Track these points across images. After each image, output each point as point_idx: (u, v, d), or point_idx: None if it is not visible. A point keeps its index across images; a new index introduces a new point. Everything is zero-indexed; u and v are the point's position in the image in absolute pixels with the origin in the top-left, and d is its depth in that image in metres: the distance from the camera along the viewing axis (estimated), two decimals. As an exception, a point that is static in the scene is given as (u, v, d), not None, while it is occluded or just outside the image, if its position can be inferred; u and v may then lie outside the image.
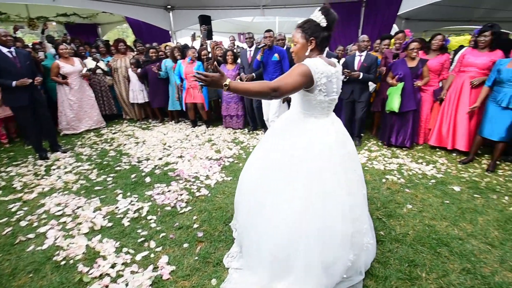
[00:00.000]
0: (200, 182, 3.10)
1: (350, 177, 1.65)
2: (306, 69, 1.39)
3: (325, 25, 1.43)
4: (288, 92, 1.39)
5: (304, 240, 1.52)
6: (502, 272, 1.83)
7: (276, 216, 1.57)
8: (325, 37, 1.46)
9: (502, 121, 3.09)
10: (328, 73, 1.46)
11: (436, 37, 3.79)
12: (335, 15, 1.45)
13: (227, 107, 4.94)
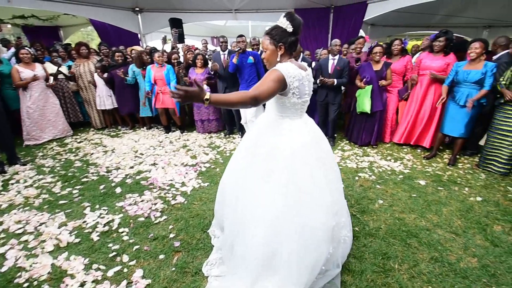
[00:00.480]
0: (175, 190, 3.00)
1: (328, 174, 1.72)
2: (279, 74, 1.44)
3: (291, 30, 1.48)
4: (266, 98, 1.43)
5: (288, 239, 1.55)
6: (466, 258, 1.98)
7: (259, 217, 1.58)
8: (292, 42, 1.51)
9: (461, 119, 3.35)
10: (300, 77, 1.52)
11: (395, 42, 4.07)
12: (299, 19, 1.51)
13: (198, 111, 4.86)
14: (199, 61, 4.59)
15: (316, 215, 1.59)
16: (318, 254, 1.61)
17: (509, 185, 3.00)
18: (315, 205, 1.59)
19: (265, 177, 1.59)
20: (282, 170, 1.56)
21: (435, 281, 1.79)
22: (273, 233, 1.56)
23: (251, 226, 1.60)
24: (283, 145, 1.59)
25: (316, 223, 1.58)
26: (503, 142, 3.11)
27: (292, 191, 1.55)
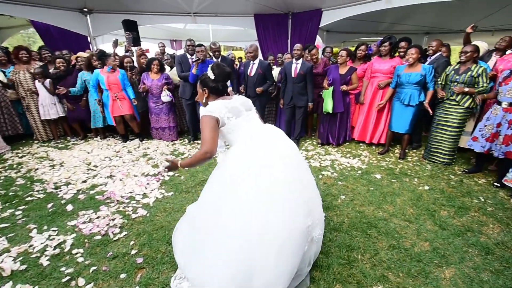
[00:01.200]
0: (136, 202, 2.81)
1: (299, 172, 1.75)
2: (208, 117, 1.64)
3: (212, 77, 1.75)
4: (215, 143, 1.63)
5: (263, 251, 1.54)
6: (420, 243, 2.16)
7: (230, 234, 1.58)
8: (214, 87, 1.77)
9: (406, 117, 3.70)
10: (226, 104, 1.71)
11: (360, 47, 4.30)
12: (223, 70, 1.77)
13: (157, 119, 4.63)
14: (155, 66, 4.36)
15: (292, 220, 1.60)
16: (294, 260, 1.62)
17: (451, 173, 3.38)
18: (288, 209, 1.59)
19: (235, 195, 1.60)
20: (249, 186, 1.58)
21: (394, 267, 1.92)
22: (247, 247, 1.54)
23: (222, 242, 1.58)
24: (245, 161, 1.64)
25: (293, 226, 1.59)
26: (444, 135, 3.50)
27: (259, 203, 1.56)
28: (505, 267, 1.91)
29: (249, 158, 1.62)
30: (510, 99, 2.81)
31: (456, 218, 2.48)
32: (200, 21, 6.90)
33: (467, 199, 2.79)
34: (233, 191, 1.61)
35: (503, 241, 2.16)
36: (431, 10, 6.17)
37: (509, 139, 2.84)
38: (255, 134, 1.72)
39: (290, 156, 1.73)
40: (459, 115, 3.33)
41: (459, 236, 2.23)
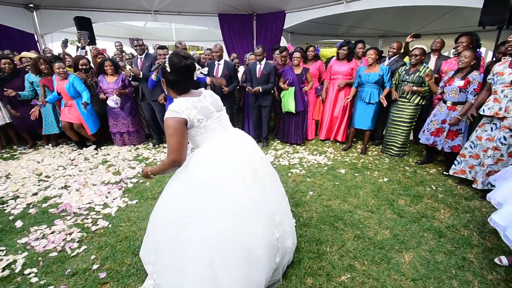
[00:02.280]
0: (96, 214, 2.61)
1: (265, 185, 1.69)
2: (175, 119, 1.44)
3: (168, 69, 1.50)
4: (183, 150, 1.49)
5: (230, 261, 1.49)
6: (381, 232, 2.31)
7: (198, 244, 1.49)
8: (171, 80, 1.52)
9: (367, 114, 3.94)
10: (196, 103, 1.52)
11: (309, 49, 4.53)
12: (179, 61, 1.49)
13: (114, 123, 4.34)
14: (108, 67, 4.05)
15: (259, 233, 1.56)
16: (261, 272, 1.58)
17: (406, 165, 3.67)
18: (256, 222, 1.56)
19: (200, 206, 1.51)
20: (215, 196, 1.50)
21: (360, 256, 2.03)
22: (216, 257, 1.48)
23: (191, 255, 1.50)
24: (209, 170, 1.53)
25: (256, 240, 1.55)
26: (398, 130, 3.79)
27: (227, 214, 1.50)
28: (456, 248, 2.11)
29: (217, 167, 1.52)
30: (453, 98, 3.11)
31: (412, 206, 2.69)
32: (162, 19, 6.64)
33: (420, 188, 3.05)
34: (199, 200, 1.50)
35: (453, 224, 2.39)
36: (385, 14, 6.66)
37: (454, 134, 3.15)
38: (225, 141, 1.62)
39: (258, 167, 1.68)
40: (410, 111, 3.63)
41: (415, 222, 2.43)
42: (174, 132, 1.44)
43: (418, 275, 1.86)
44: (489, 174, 2.71)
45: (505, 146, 2.59)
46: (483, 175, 2.75)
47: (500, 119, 2.61)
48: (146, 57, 4.14)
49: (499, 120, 2.62)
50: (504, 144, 2.59)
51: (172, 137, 1.45)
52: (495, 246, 2.11)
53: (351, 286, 1.78)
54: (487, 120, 2.73)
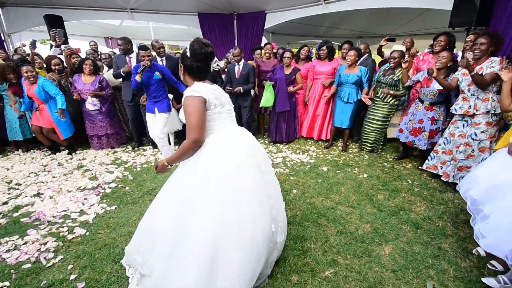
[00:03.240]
0: (72, 221, 2.49)
1: (267, 180, 1.74)
2: (195, 98, 1.48)
3: (188, 54, 1.54)
4: (203, 128, 1.51)
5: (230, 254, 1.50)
6: (362, 226, 2.38)
7: (200, 237, 1.48)
8: (190, 66, 1.55)
9: (346, 113, 4.05)
10: (212, 90, 1.58)
11: (304, 48, 4.56)
12: (200, 47, 1.52)
13: (92, 125, 4.15)
14: (87, 67, 3.89)
15: (260, 225, 1.59)
16: (258, 265, 1.61)
17: (384, 161, 3.80)
18: (258, 216, 1.59)
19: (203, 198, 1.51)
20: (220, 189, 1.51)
21: (342, 250, 2.08)
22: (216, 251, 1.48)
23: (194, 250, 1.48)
24: (217, 161, 1.54)
25: (257, 233, 1.57)
26: (371, 127, 3.93)
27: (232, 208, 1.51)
28: (432, 238, 2.22)
29: (226, 158, 1.55)
30: (431, 99, 3.21)
31: (391, 200, 2.80)
32: (139, 17, 6.43)
33: (398, 182, 3.18)
34: (206, 191, 1.50)
35: (428, 216, 2.51)
36: (362, 16, 6.89)
37: (434, 133, 3.28)
38: (234, 133, 1.66)
39: (261, 162, 1.73)
40: (385, 110, 3.77)
41: (394, 216, 2.53)
42: (195, 110, 1.45)
43: (397, 266, 1.93)
44: (460, 169, 2.87)
45: (476, 141, 2.72)
46: (454, 169, 2.90)
47: (470, 116, 2.76)
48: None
49: (470, 117, 2.77)
50: (475, 140, 2.72)
51: (193, 115, 1.45)
52: (467, 235, 2.23)
53: (334, 280, 1.81)
54: (459, 117, 2.86)
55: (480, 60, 2.63)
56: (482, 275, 1.84)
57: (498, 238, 1.52)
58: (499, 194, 1.67)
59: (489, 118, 2.65)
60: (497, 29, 3.13)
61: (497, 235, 1.53)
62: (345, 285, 1.78)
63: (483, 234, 1.62)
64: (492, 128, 2.67)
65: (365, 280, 1.82)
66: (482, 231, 1.64)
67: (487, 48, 2.56)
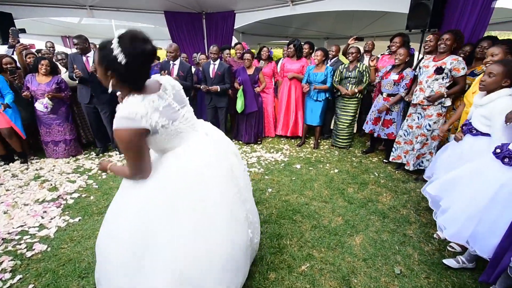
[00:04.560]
0: (30, 237, 2.27)
1: (242, 184, 1.60)
2: (127, 132, 1.10)
3: (123, 61, 1.06)
4: (145, 162, 1.23)
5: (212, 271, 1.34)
6: (335, 219, 2.47)
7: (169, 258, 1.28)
8: (123, 73, 1.09)
9: (316, 111, 4.18)
10: (155, 104, 1.18)
11: (263, 49, 4.64)
12: (141, 47, 1.09)
13: (47, 131, 3.81)
14: (43, 67, 3.58)
15: (237, 239, 1.44)
16: (239, 275, 1.50)
17: (353, 156, 3.99)
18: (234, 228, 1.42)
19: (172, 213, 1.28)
20: (188, 200, 1.30)
21: (317, 244, 2.14)
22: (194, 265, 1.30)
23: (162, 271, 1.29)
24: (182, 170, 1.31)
25: (236, 243, 1.42)
26: (344, 123, 4.11)
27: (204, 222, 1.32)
28: (398, 226, 2.37)
29: (192, 169, 1.31)
30: (388, 90, 3.49)
31: (360, 193, 2.94)
32: (99, 15, 6.04)
33: (366, 175, 3.35)
34: (172, 208, 1.27)
35: (394, 206, 2.68)
36: (328, 18, 7.17)
37: (388, 123, 3.55)
38: (197, 143, 1.39)
39: (233, 165, 1.56)
40: (354, 105, 4.01)
41: (363, 207, 2.66)
42: (131, 147, 1.14)
43: (368, 255, 2.03)
44: (418, 157, 3.16)
45: (429, 132, 3.04)
46: (413, 158, 3.18)
47: (423, 109, 3.03)
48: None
49: (422, 110, 3.04)
50: (429, 130, 3.03)
51: (129, 152, 1.16)
52: (429, 221, 2.42)
53: (310, 274, 1.86)
54: (413, 109, 3.15)
55: (444, 54, 2.86)
56: (443, 257, 2.00)
57: (458, 228, 1.66)
58: (451, 188, 1.83)
59: (439, 110, 2.95)
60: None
61: (456, 225, 1.67)
62: (320, 277, 1.84)
63: (444, 226, 1.76)
64: (442, 118, 2.98)
65: (339, 270, 1.89)
66: (443, 223, 1.78)
67: (451, 44, 2.80)
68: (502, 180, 1.54)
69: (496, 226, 1.51)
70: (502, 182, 1.54)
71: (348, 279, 1.82)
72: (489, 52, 2.35)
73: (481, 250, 1.59)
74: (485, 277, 1.54)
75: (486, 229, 1.56)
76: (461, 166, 1.87)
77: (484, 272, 1.55)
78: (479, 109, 2.03)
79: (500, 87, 1.91)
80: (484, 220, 1.57)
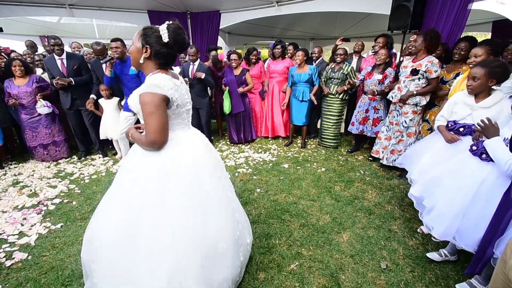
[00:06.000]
0: (10, 245, 2.17)
1: (224, 183, 1.68)
2: (154, 96, 1.28)
3: (165, 40, 1.33)
4: (165, 129, 1.35)
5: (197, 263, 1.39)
6: (322, 217, 2.50)
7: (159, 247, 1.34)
8: (162, 53, 1.36)
9: (302, 111, 4.23)
10: (176, 86, 1.39)
11: (253, 53, 4.60)
12: (182, 37, 1.37)
13: (33, 134, 3.68)
14: (17, 68, 3.42)
15: (224, 230, 1.52)
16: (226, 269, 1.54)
17: (339, 155, 4.06)
18: (220, 219, 1.51)
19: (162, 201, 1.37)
20: (179, 190, 1.39)
21: (306, 243, 2.16)
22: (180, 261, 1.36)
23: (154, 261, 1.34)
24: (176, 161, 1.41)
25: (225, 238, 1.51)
26: (329, 123, 4.18)
27: (192, 211, 1.40)
28: (383, 222, 2.44)
29: (186, 163, 1.42)
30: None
31: (346, 190, 3.00)
32: (79, 14, 5.84)
33: (352, 173, 3.42)
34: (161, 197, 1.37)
35: (379, 202, 2.75)
36: (313, 19, 7.26)
37: (376, 121, 3.65)
38: (191, 135, 1.54)
39: (217, 166, 1.66)
40: (338, 105, 4.06)
41: (350, 205, 2.71)
42: (155, 110, 1.27)
43: (355, 251, 2.08)
44: (393, 152, 3.30)
45: (405, 128, 3.16)
46: (387, 153, 3.33)
47: (400, 107, 3.14)
48: (67, 58, 3.62)
49: (400, 107, 3.16)
50: (405, 127, 3.15)
51: (153, 116, 1.28)
52: (412, 216, 2.50)
53: (299, 272, 1.88)
54: (393, 107, 3.27)
55: (418, 56, 2.95)
56: (426, 250, 2.07)
57: (445, 226, 1.69)
58: (433, 187, 1.88)
59: (415, 108, 3.06)
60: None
61: (444, 224, 1.70)
62: (309, 275, 1.86)
63: (432, 226, 1.79)
64: (418, 116, 3.11)
65: (327, 268, 1.92)
66: (430, 223, 1.81)
67: (421, 46, 2.87)
68: (482, 175, 1.60)
69: (480, 221, 1.56)
70: (483, 178, 1.59)
71: (336, 276, 1.85)
72: (472, 52, 2.39)
73: (467, 245, 1.63)
74: (471, 269, 1.60)
75: (471, 224, 1.60)
76: (441, 166, 1.90)
77: (470, 265, 1.61)
78: (483, 111, 1.94)
79: (488, 87, 1.92)
80: (469, 216, 1.62)
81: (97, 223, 1.48)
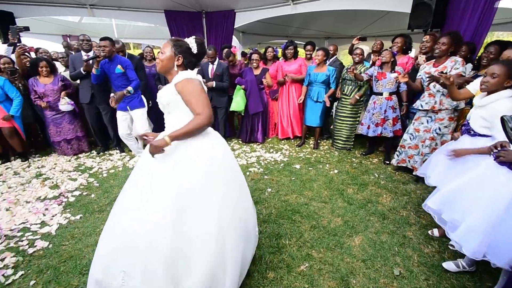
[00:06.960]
0: (32, 234, 2.30)
1: (241, 178, 1.80)
2: (195, 81, 1.50)
3: (195, 51, 1.59)
4: (209, 107, 1.49)
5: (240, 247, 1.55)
6: (334, 219, 2.48)
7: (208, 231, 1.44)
8: (191, 62, 1.60)
9: (316, 112, 4.18)
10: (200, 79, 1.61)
11: (268, 49, 4.62)
12: (205, 50, 1.66)
13: (58, 130, 3.86)
14: (44, 68, 3.61)
15: (249, 208, 1.77)
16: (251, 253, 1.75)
17: (353, 157, 3.99)
18: (248, 202, 1.77)
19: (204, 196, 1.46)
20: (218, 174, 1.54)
21: (316, 244, 2.15)
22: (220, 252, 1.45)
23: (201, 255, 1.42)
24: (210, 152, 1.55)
25: (251, 220, 1.76)
26: (342, 124, 4.11)
27: (231, 194, 1.57)
28: (397, 228, 2.37)
29: (217, 153, 1.58)
30: (390, 89, 3.47)
31: (359, 193, 2.95)
32: (100, 14, 6.05)
33: (366, 176, 3.35)
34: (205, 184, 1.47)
35: (394, 207, 2.68)
36: (329, 17, 7.13)
37: (395, 120, 3.54)
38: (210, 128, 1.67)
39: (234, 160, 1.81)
40: (352, 107, 3.96)
41: (363, 208, 2.66)
42: (198, 89, 1.48)
43: (367, 256, 2.04)
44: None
45: (439, 136, 2.94)
46: (421, 163, 3.06)
47: (434, 112, 2.94)
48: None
49: (433, 113, 2.95)
50: (439, 134, 2.93)
51: (198, 94, 1.47)
52: (429, 223, 2.41)
53: (309, 274, 1.87)
54: (423, 113, 3.05)
55: (442, 59, 2.81)
56: (443, 259, 2.00)
57: (477, 244, 1.53)
58: (454, 200, 1.73)
59: (451, 114, 2.87)
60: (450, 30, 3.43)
61: (475, 241, 1.54)
62: (319, 277, 1.85)
63: (461, 244, 1.62)
64: (454, 123, 2.92)
65: (337, 271, 1.90)
66: (458, 241, 1.64)
67: (447, 48, 2.73)
68: None
69: None
70: None
71: (347, 280, 1.83)
72: (505, 55, 2.28)
73: (500, 261, 1.49)
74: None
75: (504, 239, 1.47)
76: (462, 176, 1.76)
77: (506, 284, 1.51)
78: (479, 110, 1.98)
79: (503, 87, 1.86)
80: (501, 231, 1.48)
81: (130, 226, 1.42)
